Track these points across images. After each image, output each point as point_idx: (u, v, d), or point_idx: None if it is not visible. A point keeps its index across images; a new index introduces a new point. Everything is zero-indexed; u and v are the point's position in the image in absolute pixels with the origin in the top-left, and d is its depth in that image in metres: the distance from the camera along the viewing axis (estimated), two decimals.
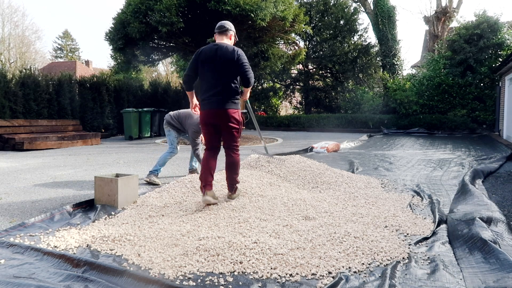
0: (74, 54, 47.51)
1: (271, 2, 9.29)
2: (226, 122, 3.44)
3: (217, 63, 3.36)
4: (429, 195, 4.01)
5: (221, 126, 3.49)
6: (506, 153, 7.26)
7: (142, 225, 3.06)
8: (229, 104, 3.40)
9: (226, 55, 3.34)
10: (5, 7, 44.44)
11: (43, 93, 11.20)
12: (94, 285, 2.03)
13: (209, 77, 3.41)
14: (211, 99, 3.41)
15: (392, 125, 14.94)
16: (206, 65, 3.42)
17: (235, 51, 3.37)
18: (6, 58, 31.07)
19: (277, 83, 20.91)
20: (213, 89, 3.39)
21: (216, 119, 3.45)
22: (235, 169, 3.62)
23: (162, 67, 31.80)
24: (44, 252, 2.43)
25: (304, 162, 5.31)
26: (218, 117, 3.43)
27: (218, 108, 3.39)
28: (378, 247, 2.52)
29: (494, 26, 13.77)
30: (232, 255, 2.38)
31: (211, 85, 3.41)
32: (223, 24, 3.57)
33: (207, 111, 3.45)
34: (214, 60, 3.37)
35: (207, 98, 3.43)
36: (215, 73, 3.38)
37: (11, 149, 8.97)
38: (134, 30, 9.58)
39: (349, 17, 18.62)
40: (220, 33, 3.55)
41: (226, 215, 3.25)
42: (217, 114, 3.41)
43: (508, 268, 2.08)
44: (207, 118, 3.47)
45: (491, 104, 13.79)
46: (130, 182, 3.71)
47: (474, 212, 3.11)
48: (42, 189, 4.55)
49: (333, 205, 3.63)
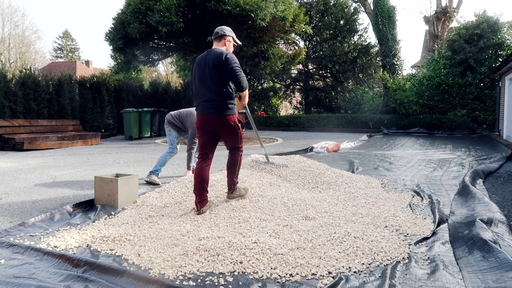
0: (74, 54, 47.52)
1: (271, 2, 9.29)
2: (222, 128, 3.42)
3: (207, 69, 3.33)
4: (429, 195, 4.01)
5: (218, 131, 3.46)
6: (506, 153, 7.26)
7: (142, 225, 3.07)
8: (222, 109, 3.34)
9: (214, 60, 3.30)
10: (5, 7, 44.45)
11: (43, 93, 11.20)
12: (94, 285, 2.03)
13: (201, 83, 3.39)
14: (204, 104, 3.38)
15: (392, 125, 14.94)
16: (197, 72, 3.42)
17: (223, 55, 3.28)
18: (6, 58, 31.08)
19: (277, 83, 20.91)
20: (206, 95, 3.36)
21: (210, 125, 3.41)
22: (234, 169, 3.60)
23: (162, 67, 31.82)
24: (44, 252, 2.44)
25: (304, 162, 5.32)
26: (212, 123, 3.39)
27: (211, 114, 3.35)
28: (378, 247, 2.52)
29: (494, 26, 13.77)
30: (232, 255, 2.38)
31: (203, 91, 3.38)
32: (219, 29, 3.53)
33: (201, 116, 3.43)
34: (205, 67, 3.35)
35: (200, 103, 3.41)
36: (206, 79, 3.35)
37: (11, 149, 8.97)
38: (134, 30, 9.57)
39: (349, 17, 18.62)
40: (215, 39, 3.52)
41: (226, 215, 3.25)
42: (211, 120, 3.37)
43: (507, 267, 2.08)
44: (201, 123, 3.44)
45: (491, 104, 13.79)
46: (130, 182, 3.71)
47: (474, 213, 3.11)
48: (42, 189, 4.55)
49: (333, 205, 3.63)
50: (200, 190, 3.37)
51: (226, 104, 3.34)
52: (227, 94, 3.35)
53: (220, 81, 3.31)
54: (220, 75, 3.30)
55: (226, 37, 3.50)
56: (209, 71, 3.32)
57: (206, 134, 3.46)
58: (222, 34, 3.49)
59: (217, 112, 3.34)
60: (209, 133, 3.46)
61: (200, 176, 3.39)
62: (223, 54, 3.29)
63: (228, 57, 3.28)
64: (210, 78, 3.33)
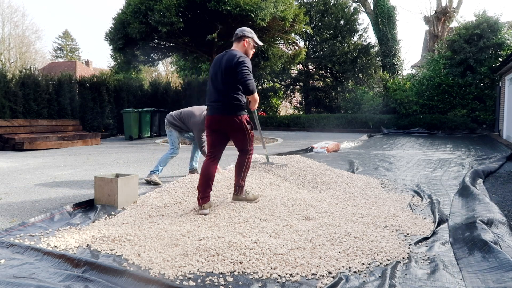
0: (74, 54, 47.54)
1: (271, 2, 9.29)
2: (230, 128, 3.44)
3: (220, 70, 3.37)
4: (429, 195, 4.01)
5: (227, 132, 3.50)
6: (506, 153, 7.26)
7: (142, 225, 3.07)
8: (229, 110, 3.36)
9: (228, 62, 3.31)
10: (5, 7, 44.48)
11: (43, 93, 11.20)
12: (94, 285, 2.03)
13: (213, 84, 3.44)
14: (213, 104, 3.43)
15: (392, 125, 14.94)
16: (212, 72, 3.47)
17: (237, 57, 3.27)
18: (6, 58, 31.09)
19: (277, 83, 20.91)
20: (215, 95, 3.41)
21: (219, 125, 3.44)
22: (241, 171, 3.59)
23: (162, 67, 31.84)
24: (44, 252, 2.43)
25: (304, 162, 5.32)
26: (220, 123, 3.42)
27: (219, 114, 3.39)
28: (378, 247, 2.52)
29: (494, 26, 13.77)
30: (232, 255, 2.38)
31: (214, 92, 3.43)
32: (239, 30, 3.54)
33: (209, 116, 3.48)
34: (218, 68, 3.40)
35: (210, 103, 3.47)
36: (218, 80, 3.39)
37: (11, 149, 8.97)
38: (134, 30, 9.58)
39: (349, 17, 18.62)
40: (235, 40, 3.55)
41: (226, 215, 3.25)
42: (219, 120, 3.41)
43: (507, 268, 2.08)
44: (209, 123, 3.50)
45: (491, 104, 13.79)
46: (130, 182, 3.71)
47: (475, 214, 3.11)
48: (42, 189, 4.55)
49: (333, 205, 3.63)
50: (204, 187, 3.40)
51: (233, 105, 3.36)
52: (236, 96, 3.36)
53: (230, 83, 3.33)
54: (230, 77, 3.32)
55: (245, 38, 3.51)
56: (221, 73, 3.36)
57: (214, 134, 3.49)
58: (242, 35, 3.50)
59: (223, 113, 3.37)
60: (217, 133, 3.49)
61: (206, 173, 3.43)
62: (236, 57, 3.29)
63: (239, 60, 3.25)
64: (221, 80, 3.36)
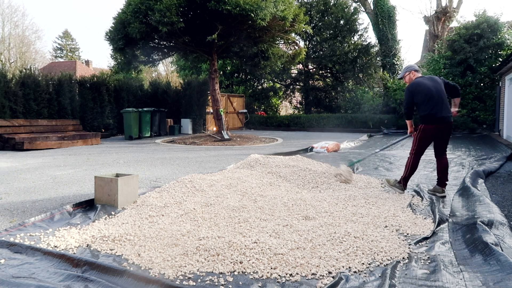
0: (74, 54, 47.50)
1: (271, 2, 9.28)
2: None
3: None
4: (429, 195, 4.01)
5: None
6: (506, 153, 7.26)
7: (142, 225, 3.06)
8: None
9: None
10: (5, 7, 44.37)
11: (43, 93, 11.19)
12: (94, 285, 2.03)
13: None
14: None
15: (392, 125, 14.94)
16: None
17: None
18: (6, 58, 31.07)
19: (277, 83, 20.91)
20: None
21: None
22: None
23: (162, 67, 31.79)
24: (44, 252, 2.43)
25: (304, 162, 5.31)
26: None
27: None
28: (378, 247, 2.52)
29: (494, 26, 13.77)
30: (232, 255, 2.38)
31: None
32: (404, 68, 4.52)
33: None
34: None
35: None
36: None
37: (11, 149, 8.97)
38: (134, 30, 9.57)
39: (349, 17, 18.61)
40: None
41: (226, 215, 3.25)
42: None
43: (508, 269, 2.08)
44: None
45: (491, 104, 13.79)
46: (130, 182, 3.71)
47: (475, 215, 3.10)
48: (42, 189, 4.54)
49: (333, 205, 3.63)
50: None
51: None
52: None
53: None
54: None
55: (405, 74, 4.50)
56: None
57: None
58: (403, 73, 4.53)
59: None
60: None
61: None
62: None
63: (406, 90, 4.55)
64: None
